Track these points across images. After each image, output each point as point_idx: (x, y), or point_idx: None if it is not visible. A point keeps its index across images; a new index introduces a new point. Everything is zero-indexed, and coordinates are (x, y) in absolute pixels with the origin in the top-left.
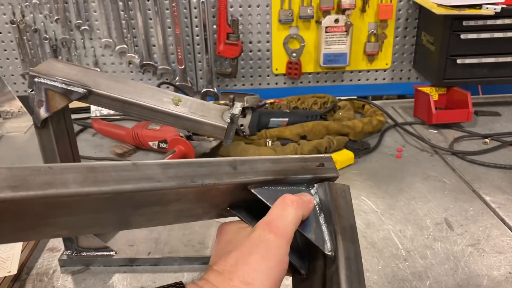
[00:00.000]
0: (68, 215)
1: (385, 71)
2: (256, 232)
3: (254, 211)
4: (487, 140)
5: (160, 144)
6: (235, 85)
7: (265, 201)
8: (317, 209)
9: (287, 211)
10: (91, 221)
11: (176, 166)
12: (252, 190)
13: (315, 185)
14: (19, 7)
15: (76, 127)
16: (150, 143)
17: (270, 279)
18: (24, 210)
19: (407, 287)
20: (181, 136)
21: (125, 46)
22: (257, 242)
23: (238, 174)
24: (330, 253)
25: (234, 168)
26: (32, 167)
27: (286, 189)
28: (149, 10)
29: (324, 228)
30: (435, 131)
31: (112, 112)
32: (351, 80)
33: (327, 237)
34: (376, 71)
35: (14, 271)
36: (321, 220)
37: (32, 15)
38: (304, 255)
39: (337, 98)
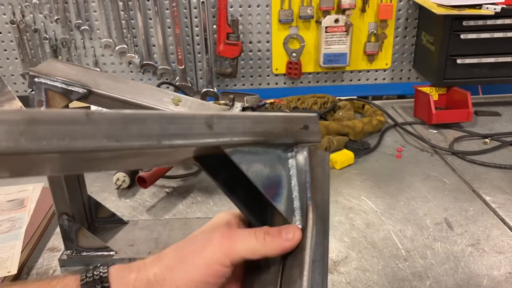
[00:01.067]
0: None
1: (385, 71)
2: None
3: (221, 164)
4: (487, 140)
5: None
6: (235, 85)
7: (238, 164)
8: (292, 174)
9: (254, 243)
10: (26, 171)
11: (141, 122)
12: (226, 151)
13: (294, 148)
14: (19, 7)
15: None
16: None
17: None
18: None
19: (407, 287)
20: None
21: (125, 46)
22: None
23: (213, 134)
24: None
25: (209, 127)
26: None
27: (262, 150)
28: (149, 10)
29: (295, 198)
30: (435, 131)
31: None
32: (351, 80)
33: (297, 209)
34: (376, 71)
35: (14, 271)
36: (294, 188)
37: (32, 15)
38: (267, 217)
39: (337, 98)
